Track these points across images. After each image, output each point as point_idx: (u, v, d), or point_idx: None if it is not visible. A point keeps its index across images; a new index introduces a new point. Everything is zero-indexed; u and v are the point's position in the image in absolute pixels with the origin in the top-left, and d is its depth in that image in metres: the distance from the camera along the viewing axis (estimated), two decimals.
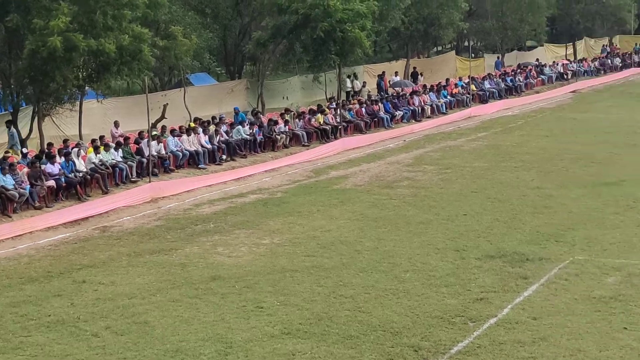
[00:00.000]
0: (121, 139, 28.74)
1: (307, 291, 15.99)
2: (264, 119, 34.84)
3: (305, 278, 16.84)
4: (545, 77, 58.21)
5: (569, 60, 66.03)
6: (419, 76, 53.06)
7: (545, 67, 60.20)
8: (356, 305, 15.08)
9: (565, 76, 60.34)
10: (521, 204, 23.03)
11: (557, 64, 62.39)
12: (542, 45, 70.07)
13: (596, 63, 66.37)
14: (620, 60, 69.09)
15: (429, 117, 42.58)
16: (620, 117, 41.02)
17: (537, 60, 62.49)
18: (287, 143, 34.05)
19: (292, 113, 36.21)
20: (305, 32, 38.01)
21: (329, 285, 16.28)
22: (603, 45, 74.98)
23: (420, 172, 28.53)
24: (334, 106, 38.02)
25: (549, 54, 69.35)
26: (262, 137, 33.12)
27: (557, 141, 34.18)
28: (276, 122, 34.29)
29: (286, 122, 34.60)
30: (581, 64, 64.46)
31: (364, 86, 46.55)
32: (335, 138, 35.56)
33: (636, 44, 74.26)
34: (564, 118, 41.94)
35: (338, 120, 36.63)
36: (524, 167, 28.66)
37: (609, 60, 68.32)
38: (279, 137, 33.61)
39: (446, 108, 44.67)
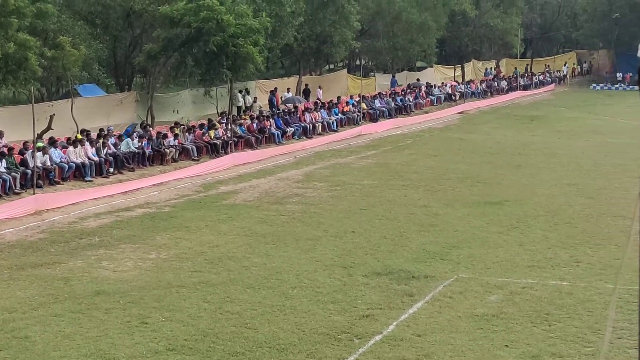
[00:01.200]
0: (5, 150, 28.00)
1: (193, 307, 15.83)
2: (153, 132, 34.47)
3: (192, 294, 16.68)
4: (434, 97, 59.23)
5: (457, 81, 67.38)
6: (318, 90, 53.53)
7: (434, 87, 61.28)
8: (242, 322, 14.99)
9: (453, 97, 61.52)
10: (408, 222, 23.31)
11: (446, 85, 63.58)
12: (432, 66, 71.36)
13: (483, 85, 67.91)
14: (506, 83, 70.85)
15: (320, 134, 42.85)
16: (505, 139, 42.00)
17: (418, 79, 63.61)
18: (177, 157, 33.78)
19: (182, 127, 35.94)
20: (198, 45, 37.81)
21: (215, 301, 16.15)
22: (486, 68, 76.73)
23: (310, 188, 28.63)
24: (225, 121, 37.88)
25: (438, 75, 70.68)
26: (150, 150, 32.74)
27: (444, 161, 34.77)
28: (165, 136, 34.00)
29: (176, 136, 34.31)
30: (469, 86, 65.84)
31: (255, 101, 46.50)
32: (226, 153, 35.45)
33: (516, 68, 76.39)
34: (451, 138, 42.73)
35: (229, 135, 36.51)
36: (412, 185, 29.04)
37: (496, 83, 69.98)
38: (168, 150, 33.32)
39: (337, 125, 45.01)
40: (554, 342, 13.97)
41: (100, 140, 31.13)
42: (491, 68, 77.82)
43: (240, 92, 46.35)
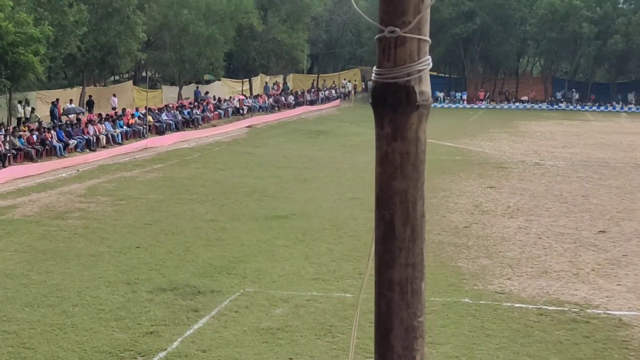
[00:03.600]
0: None
1: None
2: None
3: None
4: (222, 111, 59.30)
5: (245, 95, 67.76)
6: (113, 98, 52.50)
7: (222, 101, 61.35)
8: (20, 342, 14.33)
9: (241, 111, 61.81)
10: (195, 236, 23.08)
11: (234, 99, 63.80)
12: (220, 80, 71.46)
13: (271, 99, 68.64)
14: (293, 98, 71.92)
15: (104, 147, 41.95)
16: (292, 153, 42.52)
17: (207, 92, 63.54)
18: None
19: None
20: None
21: None
22: (266, 82, 77.28)
23: (93, 203, 27.87)
24: (3, 133, 36.38)
25: (226, 89, 70.84)
26: None
27: (231, 175, 34.77)
28: None
29: None
30: (256, 100, 66.36)
31: (32, 112, 44.96)
32: (4, 166, 34.03)
33: (285, 83, 77.62)
34: (239, 152, 42.84)
35: (7, 147, 35.07)
36: (199, 199, 28.83)
37: (283, 98, 70.90)
38: None
39: (122, 138, 44.24)
40: (337, 354, 14.14)
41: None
42: (274, 83, 78.79)
43: (19, 102, 44.69)
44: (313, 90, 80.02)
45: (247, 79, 72.28)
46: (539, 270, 19.91)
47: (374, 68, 3.32)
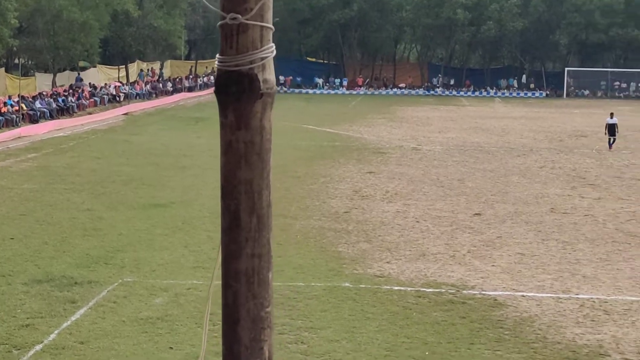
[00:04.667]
0: None
1: None
2: None
3: None
4: (98, 98, 58.26)
5: (121, 82, 66.71)
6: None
7: (98, 88, 60.29)
8: None
9: (117, 98, 60.84)
10: (71, 226, 22.61)
11: (110, 86, 62.75)
12: (95, 67, 70.12)
13: (148, 86, 67.78)
14: (171, 85, 71.16)
15: None
16: (170, 140, 42.09)
17: (82, 79, 62.30)
18: None
19: None
20: None
21: None
22: (141, 69, 76.02)
23: None
24: None
25: (102, 76, 69.56)
26: None
27: (108, 163, 34.20)
28: None
29: None
30: (133, 87, 65.41)
31: None
32: None
33: (142, 70, 76.73)
34: (116, 140, 42.18)
35: None
36: (75, 189, 28.25)
37: (161, 84, 70.09)
38: None
39: None
40: (218, 342, 13.69)
41: None
42: (149, 70, 77.77)
43: None
44: (191, 76, 79.31)
45: (124, 66, 71.10)
46: (417, 253, 20.27)
47: (217, 56, 3.28)
